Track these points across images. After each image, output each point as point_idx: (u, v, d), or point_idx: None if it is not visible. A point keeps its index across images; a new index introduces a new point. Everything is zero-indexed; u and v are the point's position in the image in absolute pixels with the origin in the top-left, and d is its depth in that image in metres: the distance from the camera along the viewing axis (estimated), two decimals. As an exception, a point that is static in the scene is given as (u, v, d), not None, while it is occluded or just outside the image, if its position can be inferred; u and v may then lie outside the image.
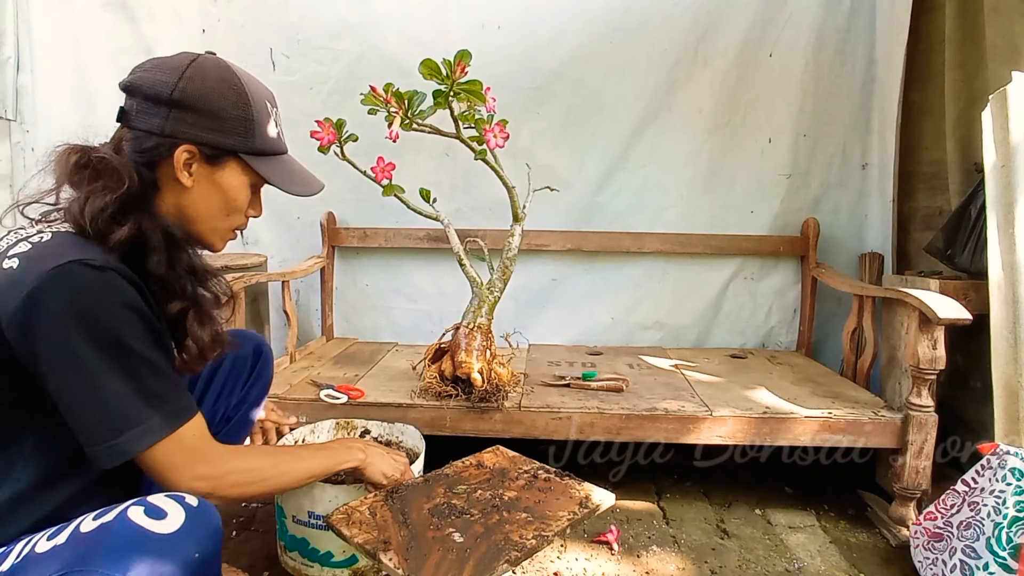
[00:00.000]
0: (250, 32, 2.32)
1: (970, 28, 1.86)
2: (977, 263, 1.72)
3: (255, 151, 0.94)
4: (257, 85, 0.96)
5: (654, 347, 2.45)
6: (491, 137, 1.62)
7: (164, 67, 0.89)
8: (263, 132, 0.95)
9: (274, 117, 0.98)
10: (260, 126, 0.94)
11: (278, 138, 1.00)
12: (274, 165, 0.98)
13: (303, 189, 1.01)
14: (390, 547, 1.01)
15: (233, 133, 0.91)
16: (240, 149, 0.92)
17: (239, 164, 0.94)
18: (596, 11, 2.29)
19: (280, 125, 1.01)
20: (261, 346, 1.32)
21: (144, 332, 0.81)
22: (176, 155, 0.88)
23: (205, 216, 0.95)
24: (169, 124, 0.87)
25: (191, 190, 0.91)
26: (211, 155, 0.91)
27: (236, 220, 0.99)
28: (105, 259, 0.79)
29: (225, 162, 0.92)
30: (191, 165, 0.90)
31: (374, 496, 1.17)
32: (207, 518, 0.77)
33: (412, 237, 2.42)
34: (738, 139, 2.36)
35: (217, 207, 0.95)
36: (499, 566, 0.99)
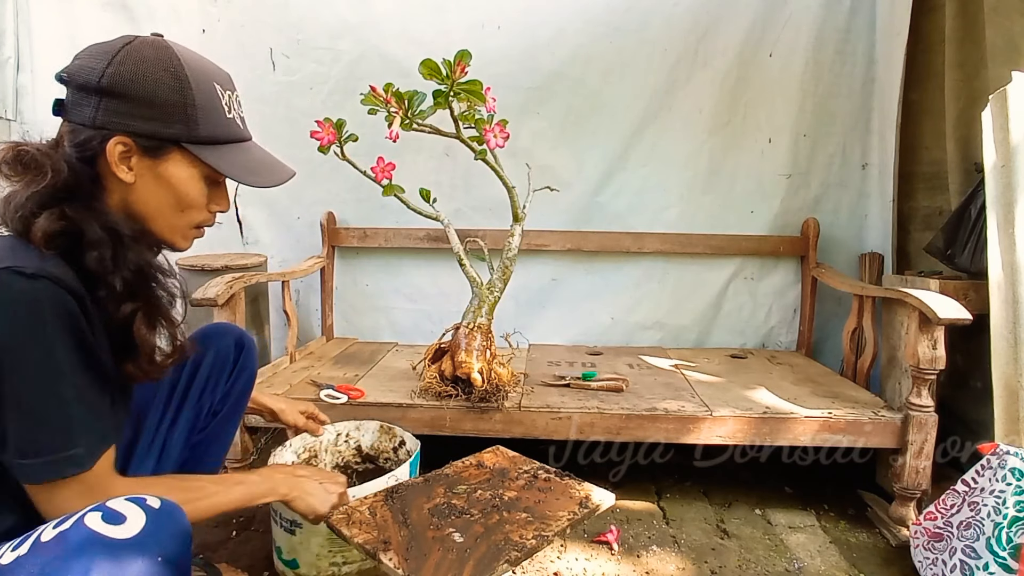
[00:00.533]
0: (250, 32, 2.32)
1: (970, 28, 1.86)
2: (977, 263, 1.72)
3: (200, 139, 0.85)
4: (203, 65, 0.87)
5: (654, 347, 2.45)
6: (491, 137, 1.62)
7: (96, 53, 0.82)
8: (211, 118, 0.86)
9: (227, 100, 0.89)
10: (206, 111, 0.85)
11: (233, 123, 0.90)
12: (227, 154, 0.88)
13: (263, 179, 0.91)
14: (390, 547, 1.01)
15: (172, 121, 0.82)
16: (182, 138, 0.84)
17: (184, 155, 0.85)
18: (596, 11, 2.29)
19: (238, 109, 0.92)
20: (243, 338, 1.29)
21: (74, 350, 0.77)
22: (109, 148, 0.81)
23: (156, 213, 0.87)
24: (100, 114, 0.80)
25: (135, 186, 0.84)
26: (149, 147, 0.83)
27: (195, 216, 0.91)
28: (40, 265, 0.74)
29: (167, 153, 0.84)
30: (129, 158, 0.82)
31: (374, 496, 1.17)
32: (171, 519, 0.74)
33: (412, 237, 2.42)
34: (738, 139, 2.36)
35: (167, 203, 0.87)
36: (499, 566, 0.99)
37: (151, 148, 0.83)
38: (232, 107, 0.90)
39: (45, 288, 0.73)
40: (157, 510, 0.73)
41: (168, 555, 0.71)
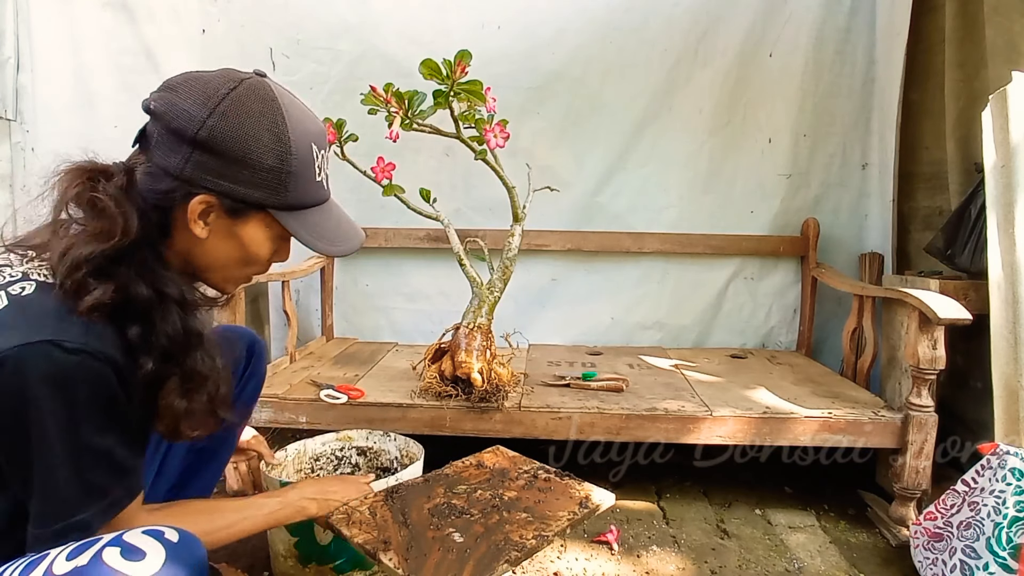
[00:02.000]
0: (250, 32, 2.32)
1: (970, 28, 1.86)
2: (977, 263, 1.72)
3: (287, 206, 0.81)
4: (305, 125, 0.82)
5: (654, 347, 2.45)
6: (491, 137, 1.62)
7: (197, 92, 0.76)
8: (301, 184, 0.81)
9: (319, 162, 0.84)
10: (299, 178, 0.80)
11: (320, 187, 0.85)
12: (309, 218, 0.84)
13: (338, 249, 0.87)
14: (390, 547, 1.01)
15: (264, 187, 0.78)
16: (269, 204, 0.79)
17: (265, 218, 0.81)
18: (596, 11, 2.29)
19: (326, 168, 0.87)
20: (254, 343, 1.27)
21: (105, 422, 0.73)
22: (192, 205, 0.76)
23: (218, 266, 0.84)
24: (189, 167, 0.75)
25: (205, 241, 0.80)
26: (233, 208, 0.78)
27: (254, 270, 0.88)
28: (83, 339, 0.69)
29: (249, 216, 0.80)
30: (208, 215, 0.78)
31: (374, 496, 1.17)
32: (189, 552, 0.72)
33: (412, 237, 2.42)
34: (738, 139, 2.36)
35: (234, 259, 0.84)
36: (499, 566, 0.99)
37: (234, 210, 0.79)
38: (323, 168, 0.86)
39: (84, 364, 0.70)
40: (176, 544, 0.71)
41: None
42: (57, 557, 0.68)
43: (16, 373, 0.67)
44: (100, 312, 0.72)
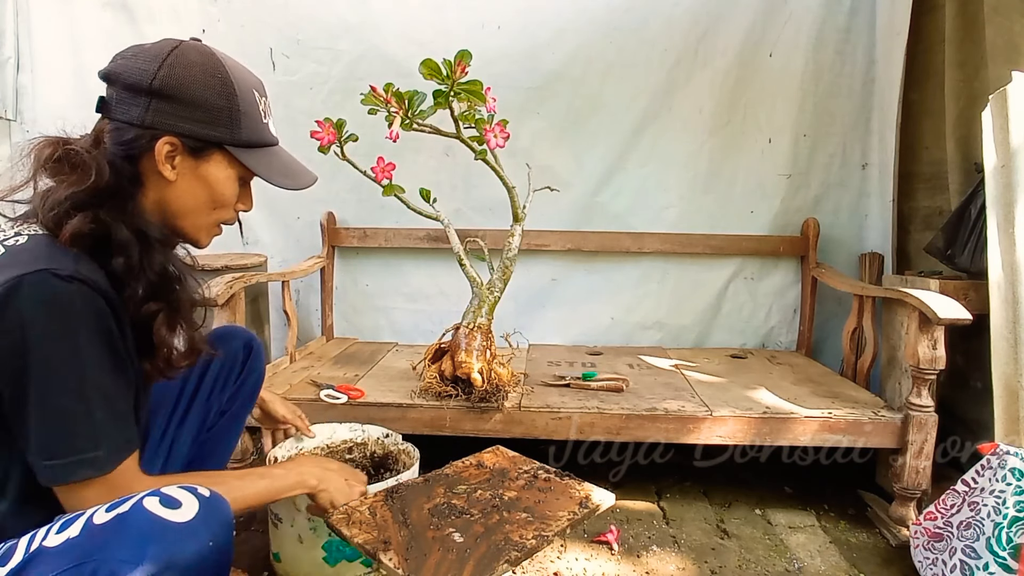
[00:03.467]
0: (250, 32, 2.32)
1: (970, 28, 1.86)
2: (977, 263, 1.72)
3: (242, 143, 0.90)
4: (244, 73, 0.92)
5: (654, 347, 2.45)
6: (491, 137, 1.62)
7: (145, 54, 0.85)
8: (251, 123, 0.91)
9: (262, 106, 0.94)
10: (248, 116, 0.90)
11: (267, 128, 0.95)
12: (262, 157, 0.94)
13: (293, 182, 0.97)
14: (390, 547, 1.01)
15: (218, 124, 0.87)
16: (226, 141, 0.88)
17: (225, 156, 0.90)
18: (596, 11, 2.29)
19: (270, 115, 0.97)
20: (251, 341, 1.30)
21: (104, 354, 0.78)
22: (157, 147, 0.84)
23: (190, 210, 0.91)
24: (149, 115, 0.83)
25: (175, 184, 0.88)
26: (195, 147, 0.87)
27: (223, 215, 0.95)
28: (75, 268, 0.75)
29: (210, 154, 0.89)
30: (174, 158, 0.86)
31: (374, 496, 1.17)
32: (220, 508, 0.77)
33: (412, 237, 2.42)
34: (738, 139, 2.36)
35: (202, 201, 0.91)
36: (499, 566, 0.99)
37: (196, 149, 0.87)
38: (266, 112, 0.95)
39: (79, 291, 0.75)
40: (208, 498, 0.76)
41: (218, 541, 0.74)
42: (98, 510, 0.73)
43: (15, 300, 0.72)
44: (81, 243, 0.79)
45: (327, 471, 1.12)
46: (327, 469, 1.13)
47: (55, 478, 0.77)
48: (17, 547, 0.73)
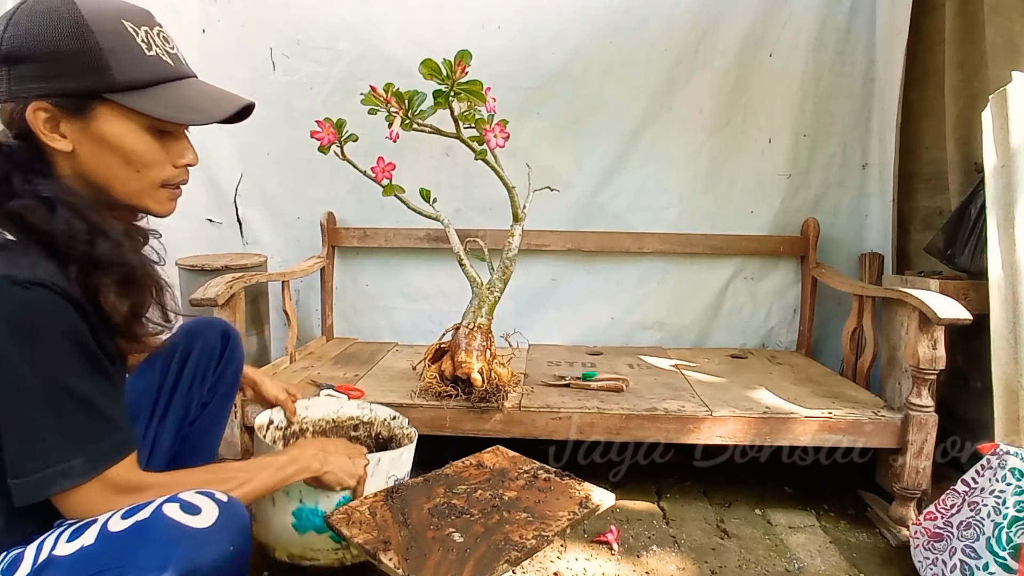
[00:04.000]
0: (250, 32, 2.32)
1: (970, 28, 1.86)
2: (977, 263, 1.72)
3: (120, 85, 0.76)
4: (108, 5, 0.78)
5: (654, 347, 2.45)
6: (491, 137, 1.62)
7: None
8: (126, 60, 0.77)
9: (144, 37, 0.80)
10: (118, 54, 0.76)
11: (159, 61, 0.81)
12: (159, 96, 0.80)
13: (204, 115, 0.83)
14: (390, 547, 1.01)
15: (83, 72, 0.74)
16: (100, 88, 0.76)
17: (110, 107, 0.77)
18: (596, 11, 2.29)
19: (163, 45, 0.83)
20: (228, 331, 1.28)
21: (75, 357, 0.74)
22: (29, 119, 0.74)
23: (111, 177, 0.80)
24: (11, 85, 0.74)
25: (77, 153, 0.78)
26: (71, 106, 0.76)
27: (156, 173, 0.83)
28: (32, 273, 0.70)
29: (92, 109, 0.76)
30: (57, 124, 0.76)
31: (374, 496, 1.17)
32: (238, 513, 0.77)
33: (412, 237, 2.42)
34: (738, 139, 2.36)
35: (116, 164, 0.80)
36: (499, 566, 0.99)
37: (73, 108, 0.76)
38: (153, 43, 0.81)
39: (39, 297, 0.70)
40: (226, 503, 0.76)
41: (238, 545, 0.74)
42: (111, 517, 0.72)
43: None
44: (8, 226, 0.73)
45: (329, 453, 1.12)
46: (329, 451, 1.12)
47: (23, 496, 0.72)
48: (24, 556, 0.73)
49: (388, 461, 1.26)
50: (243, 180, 2.40)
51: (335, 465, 1.11)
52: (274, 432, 1.46)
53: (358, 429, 1.57)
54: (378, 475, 1.24)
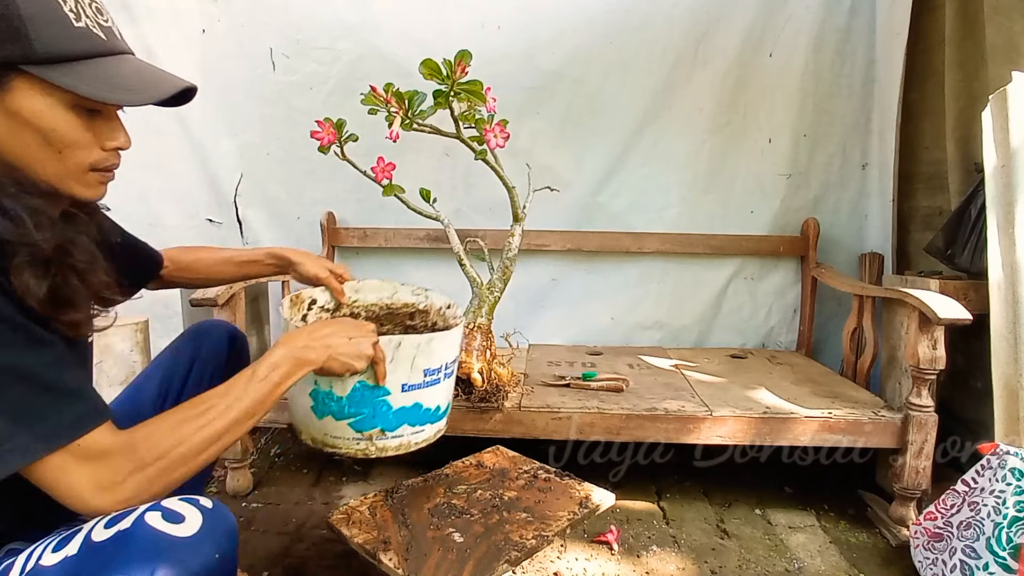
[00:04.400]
0: (250, 32, 2.32)
1: (970, 28, 1.86)
2: (977, 263, 1.72)
3: (41, 57, 0.68)
4: None
5: (654, 347, 2.45)
6: (491, 137, 1.62)
7: None
8: (50, 30, 0.69)
9: (73, 6, 0.72)
10: (40, 22, 0.68)
11: (88, 33, 0.73)
12: (83, 71, 0.72)
13: (134, 96, 0.74)
14: (390, 547, 1.01)
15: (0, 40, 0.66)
16: (16, 59, 0.67)
17: (29, 81, 0.69)
18: (596, 11, 2.28)
19: (95, 17, 0.75)
20: (235, 332, 1.25)
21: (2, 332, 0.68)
22: None
23: (29, 159, 0.72)
24: None
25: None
26: None
27: (82, 156, 0.76)
28: None
29: (7, 83, 0.68)
30: None
31: (374, 496, 1.17)
32: (223, 517, 0.75)
33: (412, 237, 2.42)
34: (738, 139, 2.36)
35: (35, 144, 0.72)
36: (499, 566, 0.99)
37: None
38: (83, 14, 0.73)
39: None
40: (211, 509, 0.74)
41: (223, 552, 0.72)
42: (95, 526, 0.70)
43: None
44: None
45: (326, 337, 0.97)
46: (322, 336, 0.97)
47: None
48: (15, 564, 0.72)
49: (411, 346, 1.10)
50: (243, 180, 2.40)
51: (338, 350, 0.97)
52: (319, 314, 1.34)
53: (414, 318, 1.44)
54: (400, 362, 1.11)
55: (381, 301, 1.44)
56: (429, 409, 1.18)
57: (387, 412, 1.13)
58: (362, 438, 1.15)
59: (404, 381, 1.12)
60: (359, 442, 1.15)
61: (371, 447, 1.16)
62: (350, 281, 1.38)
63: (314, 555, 1.49)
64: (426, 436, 1.21)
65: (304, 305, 1.34)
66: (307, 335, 0.96)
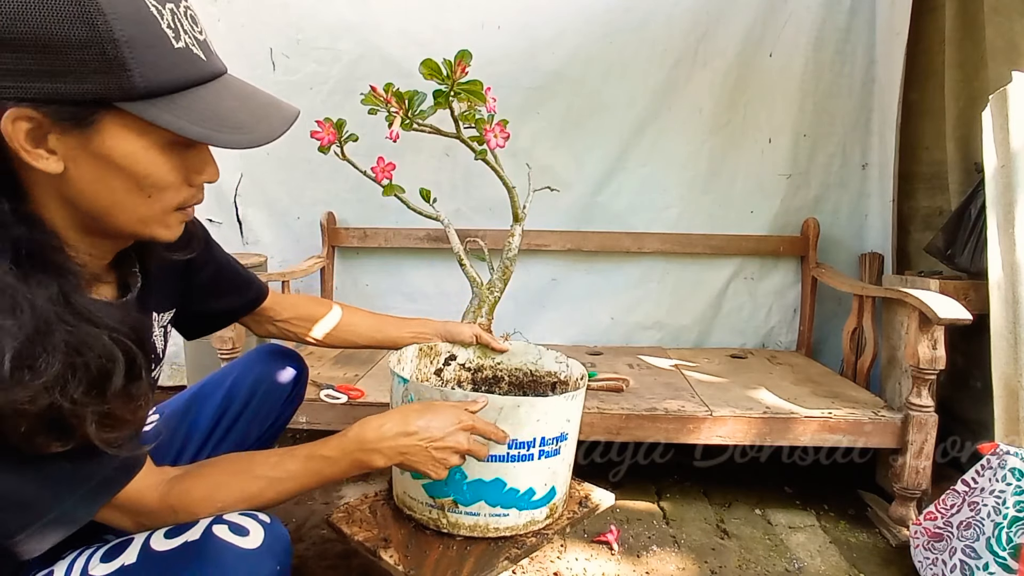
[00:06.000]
0: (250, 32, 2.33)
1: (970, 28, 1.86)
2: (977, 263, 1.72)
3: (140, 92, 0.56)
4: None
5: (654, 347, 2.45)
6: (492, 137, 1.62)
7: None
8: (148, 55, 0.56)
9: (170, 20, 0.58)
10: (137, 46, 0.55)
11: (187, 55, 0.59)
12: (188, 105, 0.59)
13: (248, 137, 0.61)
14: (390, 544, 1.01)
15: (87, 69, 0.53)
16: (112, 97, 0.55)
17: (122, 118, 0.57)
18: (596, 11, 2.29)
19: (191, 30, 0.61)
20: (301, 366, 1.22)
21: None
22: (5, 128, 0.53)
23: (112, 205, 0.61)
24: None
25: (68, 175, 0.58)
26: (67, 116, 0.55)
27: (170, 198, 0.65)
28: None
29: (97, 121, 0.56)
30: (44, 139, 0.56)
31: (374, 495, 1.17)
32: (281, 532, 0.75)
33: (412, 237, 2.42)
34: (738, 139, 2.36)
35: (123, 189, 0.60)
36: (499, 563, 0.99)
37: (70, 117, 0.55)
38: (181, 30, 0.59)
39: None
40: (270, 524, 0.74)
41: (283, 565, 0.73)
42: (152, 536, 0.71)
43: None
44: None
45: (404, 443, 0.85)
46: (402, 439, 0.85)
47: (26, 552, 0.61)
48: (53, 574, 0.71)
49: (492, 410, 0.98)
50: (243, 180, 2.40)
51: (411, 458, 0.86)
52: (457, 371, 1.29)
53: (556, 388, 1.36)
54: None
55: (526, 366, 1.37)
56: (515, 490, 1.04)
57: (461, 481, 1.02)
58: (434, 506, 1.06)
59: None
60: (431, 510, 1.07)
61: (443, 519, 1.06)
62: None
63: (314, 555, 1.49)
64: (511, 524, 1.06)
65: (440, 359, 1.26)
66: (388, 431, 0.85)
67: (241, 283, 1.09)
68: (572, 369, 1.32)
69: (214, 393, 1.13)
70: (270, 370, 1.17)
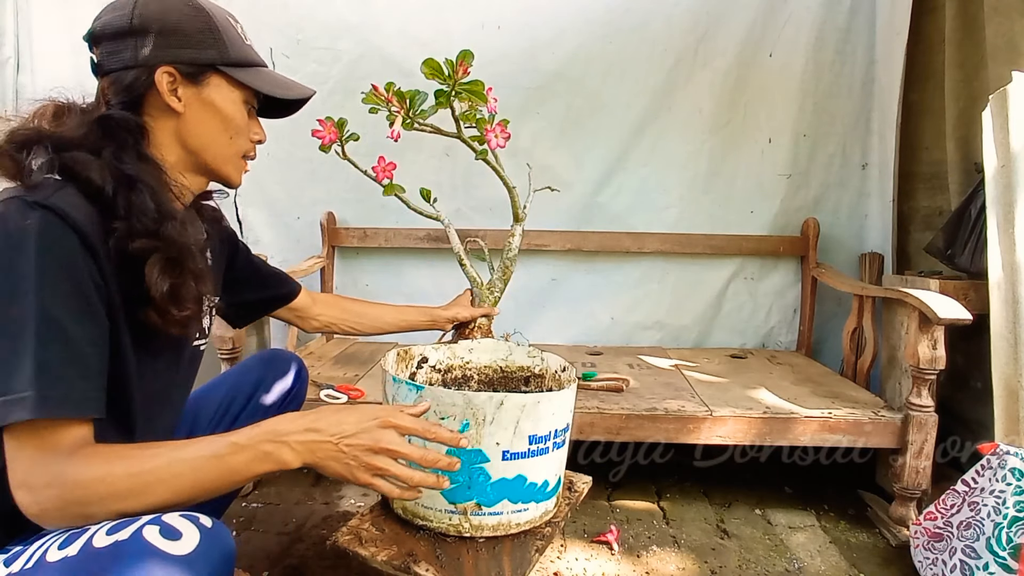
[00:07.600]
0: (250, 32, 2.29)
1: (970, 28, 1.86)
2: (977, 263, 1.72)
3: (232, 61, 0.91)
4: (213, 2, 0.95)
5: (654, 347, 2.45)
6: (492, 137, 1.62)
7: (116, 5, 0.87)
8: (235, 43, 0.92)
9: (239, 30, 0.96)
10: (229, 37, 0.92)
11: (251, 49, 0.97)
12: (257, 75, 0.96)
13: (293, 92, 1.00)
14: (419, 559, 0.98)
15: (205, 46, 0.88)
16: (218, 61, 0.90)
17: (222, 78, 0.91)
18: (596, 11, 2.29)
19: (249, 39, 0.99)
20: (302, 368, 1.32)
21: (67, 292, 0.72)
22: (157, 80, 0.86)
23: (208, 142, 0.92)
24: (140, 52, 0.85)
25: (185, 117, 0.89)
26: (191, 73, 0.88)
27: (242, 144, 0.97)
28: (47, 196, 0.73)
29: (207, 78, 0.90)
30: (176, 89, 0.88)
31: (370, 510, 1.13)
32: (221, 539, 0.71)
33: (412, 237, 2.42)
34: (738, 139, 2.36)
35: (216, 129, 0.92)
36: (531, 556, 0.99)
37: (193, 74, 0.88)
38: (245, 36, 0.96)
39: (41, 219, 0.71)
40: (209, 529, 0.71)
41: (220, 574, 0.70)
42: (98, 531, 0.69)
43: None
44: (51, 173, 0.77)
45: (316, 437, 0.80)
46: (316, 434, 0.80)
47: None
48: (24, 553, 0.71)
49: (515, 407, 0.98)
50: (243, 180, 2.40)
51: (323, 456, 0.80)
52: (429, 374, 1.27)
53: (529, 383, 1.33)
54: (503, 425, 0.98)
55: (495, 363, 1.36)
56: (534, 484, 1.04)
57: (485, 483, 1.01)
58: (455, 511, 1.03)
59: (506, 448, 0.99)
60: (452, 516, 1.03)
61: (465, 523, 1.03)
62: (463, 341, 1.41)
63: (314, 555, 1.49)
64: (530, 517, 1.06)
65: (413, 362, 1.27)
66: (302, 423, 0.80)
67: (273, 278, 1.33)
68: (548, 362, 1.31)
69: (215, 395, 1.18)
70: (270, 372, 1.23)
